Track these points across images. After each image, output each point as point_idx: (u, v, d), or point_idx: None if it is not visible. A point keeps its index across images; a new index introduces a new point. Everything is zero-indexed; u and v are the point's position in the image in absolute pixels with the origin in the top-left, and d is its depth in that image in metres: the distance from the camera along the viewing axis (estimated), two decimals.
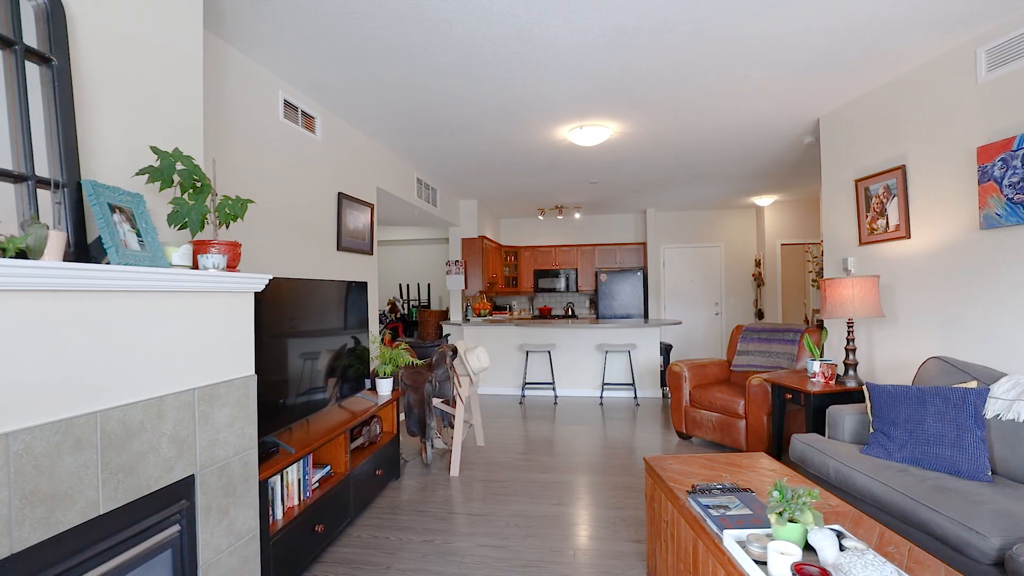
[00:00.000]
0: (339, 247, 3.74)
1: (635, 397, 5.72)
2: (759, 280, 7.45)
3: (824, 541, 1.25)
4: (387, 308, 8.43)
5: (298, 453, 2.19)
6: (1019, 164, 2.43)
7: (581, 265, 8.37)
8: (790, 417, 3.44)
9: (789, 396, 3.17)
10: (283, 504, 2.18)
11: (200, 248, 1.72)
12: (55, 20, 1.33)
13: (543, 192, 6.58)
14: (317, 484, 2.47)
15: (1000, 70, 2.54)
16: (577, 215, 7.60)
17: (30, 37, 1.29)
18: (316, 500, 2.36)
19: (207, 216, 1.74)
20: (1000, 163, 2.52)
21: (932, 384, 2.57)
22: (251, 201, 1.86)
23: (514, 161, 5.06)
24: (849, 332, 3.07)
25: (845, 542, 1.34)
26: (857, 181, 3.45)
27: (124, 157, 1.57)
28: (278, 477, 2.14)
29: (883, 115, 3.27)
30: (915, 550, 1.39)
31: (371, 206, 4.24)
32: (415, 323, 8.31)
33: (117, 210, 1.44)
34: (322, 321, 2.75)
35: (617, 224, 8.40)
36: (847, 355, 3.06)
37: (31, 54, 1.27)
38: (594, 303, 8.44)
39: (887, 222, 3.24)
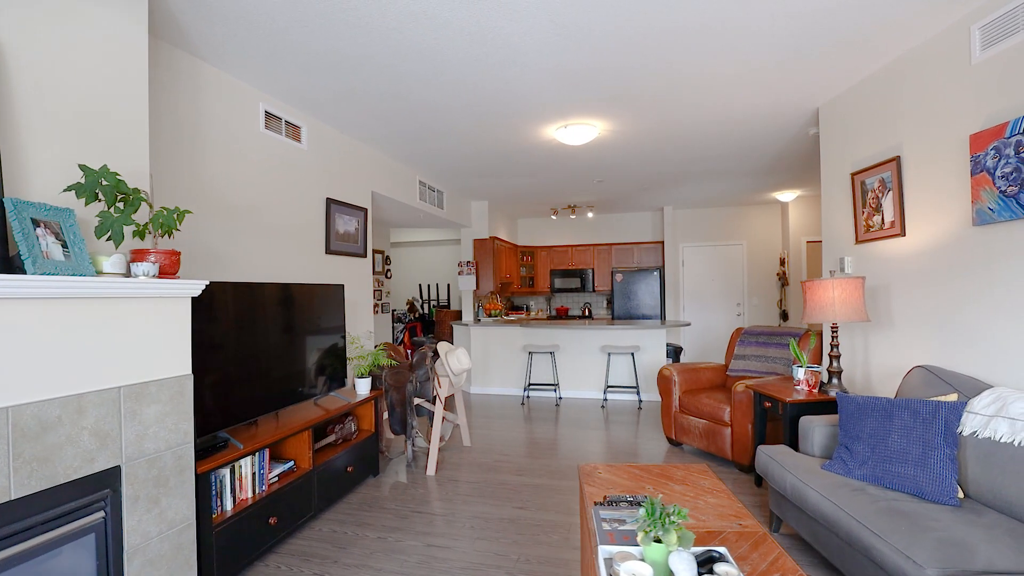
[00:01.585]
0: (328, 250, 3.89)
1: (639, 400, 5.58)
2: (784, 279, 7.06)
3: (680, 564, 1.20)
4: (406, 308, 8.64)
5: (247, 448, 2.31)
6: (1012, 153, 2.20)
7: (598, 265, 8.24)
8: (778, 426, 3.26)
9: (768, 404, 3.00)
10: (234, 496, 2.31)
11: (137, 256, 1.85)
12: None
13: (551, 191, 6.53)
14: (276, 478, 2.59)
15: (994, 48, 2.30)
16: (590, 214, 7.49)
17: None
18: (272, 493, 2.48)
19: (147, 227, 1.89)
20: (993, 152, 2.29)
21: (914, 395, 2.38)
22: (188, 212, 1.98)
23: (511, 162, 5.06)
24: (833, 337, 2.87)
25: (718, 567, 1.28)
26: (853, 175, 3.22)
27: (59, 175, 1.71)
28: (227, 470, 2.26)
29: (878, 103, 3.03)
30: None
31: (364, 210, 4.37)
32: (433, 323, 8.48)
33: (42, 224, 1.58)
34: (289, 322, 2.88)
35: (634, 223, 8.20)
36: (831, 362, 2.87)
37: None
38: (611, 303, 8.29)
39: (882, 219, 3.00)
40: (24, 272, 1.48)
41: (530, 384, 6.08)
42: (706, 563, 1.31)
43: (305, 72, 2.97)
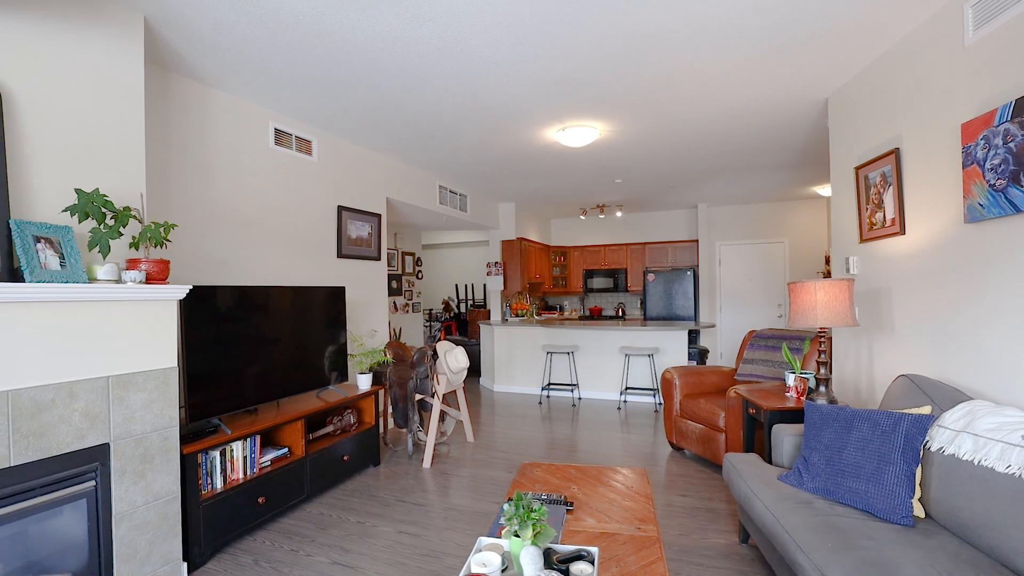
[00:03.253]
0: (339, 255, 4.18)
1: (656, 403, 5.45)
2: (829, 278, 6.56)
3: (526, 559, 1.26)
4: (442, 308, 8.95)
5: (236, 433, 2.59)
6: (1000, 142, 2.00)
7: (631, 264, 8.09)
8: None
9: (753, 411, 2.88)
10: (224, 476, 2.59)
11: (130, 265, 2.16)
12: None
13: (573, 192, 6.52)
14: (269, 462, 2.86)
15: (987, 27, 2.09)
16: (619, 213, 7.37)
17: None
18: (262, 476, 2.75)
19: (138, 239, 2.19)
20: (983, 142, 2.08)
21: (894, 406, 2.21)
22: (174, 225, 2.27)
23: (521, 164, 5.13)
24: (820, 343, 2.71)
25: (575, 565, 1.32)
26: (857, 169, 3.00)
27: (62, 197, 2.03)
28: (218, 452, 2.55)
29: (878, 93, 2.82)
30: None
31: (378, 216, 4.64)
32: (467, 322, 8.72)
33: (43, 240, 1.90)
34: (286, 321, 3.16)
35: (667, 221, 7.96)
36: (819, 368, 2.71)
37: None
38: (645, 304, 8.11)
39: (884, 216, 2.78)
40: (23, 281, 1.79)
41: (550, 384, 6.13)
42: (572, 560, 1.36)
43: (302, 94, 3.24)
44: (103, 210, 2.00)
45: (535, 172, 5.44)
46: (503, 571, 1.34)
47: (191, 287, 2.30)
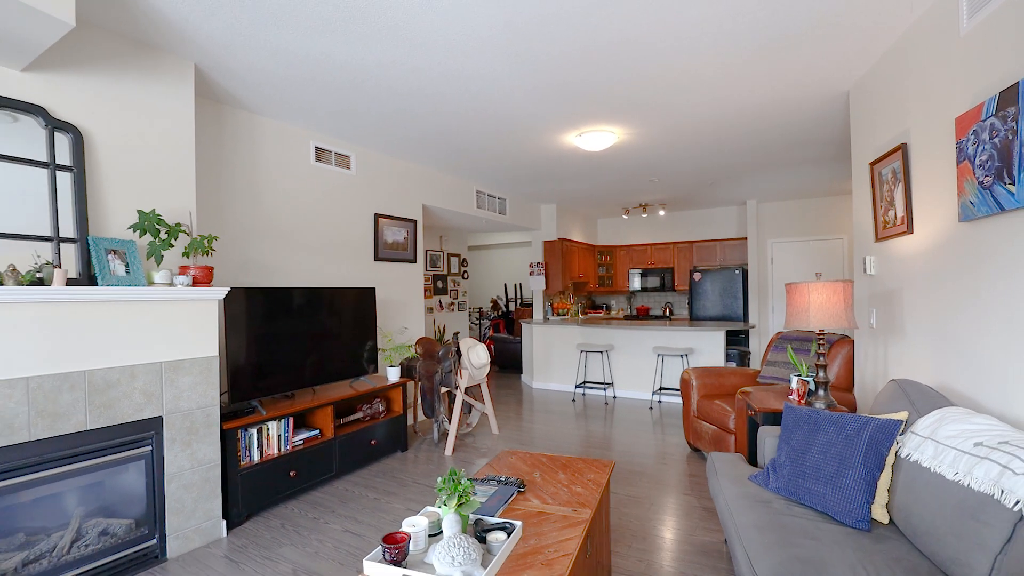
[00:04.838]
0: (376, 258, 4.58)
1: None
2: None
3: (446, 523, 1.46)
4: (490, 306, 9.27)
5: (270, 414, 3.02)
6: (987, 137, 1.89)
7: (678, 263, 7.91)
8: None
9: (751, 413, 2.85)
10: (261, 450, 3.02)
11: (181, 271, 2.62)
12: (76, 145, 2.30)
13: (610, 192, 6.54)
14: (301, 442, 3.27)
15: (980, 15, 1.98)
16: (661, 212, 7.24)
17: (63, 155, 2.28)
18: (294, 453, 3.16)
19: (188, 249, 2.64)
20: (972, 137, 1.98)
21: (881, 411, 2.15)
22: (216, 237, 2.71)
23: (549, 168, 5.27)
24: (819, 346, 2.63)
25: (492, 533, 1.51)
26: (871, 164, 2.86)
27: (130, 216, 2.52)
28: (255, 430, 2.98)
29: (889, 85, 2.68)
30: None
31: (414, 221, 5.00)
32: (513, 320, 8.97)
33: (113, 252, 2.38)
34: (320, 318, 3.57)
35: (716, 218, 7.69)
36: (817, 371, 2.64)
37: (61, 168, 2.26)
38: (691, 303, 7.90)
39: (895, 214, 2.65)
40: (96, 284, 2.27)
41: (585, 382, 6.21)
42: (493, 530, 1.54)
43: (334, 117, 3.64)
44: (157, 227, 2.45)
45: (566, 175, 5.56)
46: (432, 535, 1.55)
47: (229, 289, 2.74)
